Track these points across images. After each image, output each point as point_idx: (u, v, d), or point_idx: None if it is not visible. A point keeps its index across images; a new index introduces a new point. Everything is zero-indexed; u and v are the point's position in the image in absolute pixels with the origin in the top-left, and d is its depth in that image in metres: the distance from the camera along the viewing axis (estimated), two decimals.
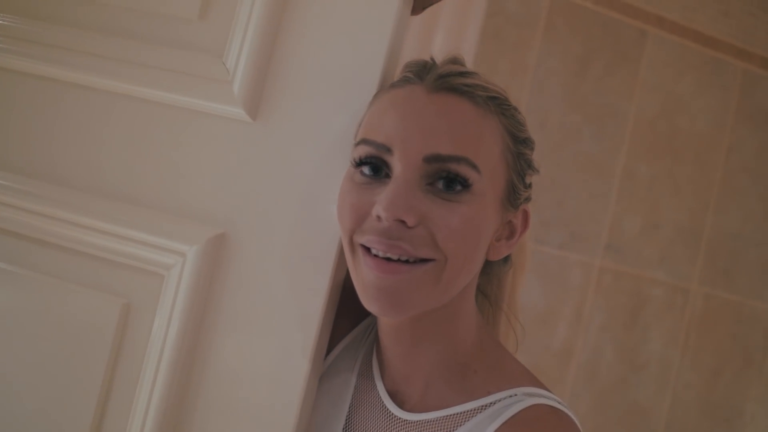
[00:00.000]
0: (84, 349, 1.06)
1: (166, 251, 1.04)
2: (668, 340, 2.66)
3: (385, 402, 1.01)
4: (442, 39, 2.01)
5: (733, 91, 2.71)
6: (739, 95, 2.72)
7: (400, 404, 1.00)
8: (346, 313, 1.10)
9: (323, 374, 1.08)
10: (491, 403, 0.94)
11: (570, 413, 0.94)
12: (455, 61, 0.96)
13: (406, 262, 0.88)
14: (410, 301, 0.90)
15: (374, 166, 0.91)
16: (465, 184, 0.89)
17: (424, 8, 1.08)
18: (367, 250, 0.90)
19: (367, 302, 0.91)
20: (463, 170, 0.88)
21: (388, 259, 0.88)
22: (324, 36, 1.03)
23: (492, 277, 1.10)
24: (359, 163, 0.92)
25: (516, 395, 0.94)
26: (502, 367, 1.00)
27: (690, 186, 2.68)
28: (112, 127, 1.09)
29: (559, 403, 0.95)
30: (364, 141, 0.92)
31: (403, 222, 0.87)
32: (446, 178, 0.89)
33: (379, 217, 0.87)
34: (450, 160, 0.88)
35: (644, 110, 2.63)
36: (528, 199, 1.00)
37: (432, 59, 0.96)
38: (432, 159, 0.88)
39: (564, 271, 2.56)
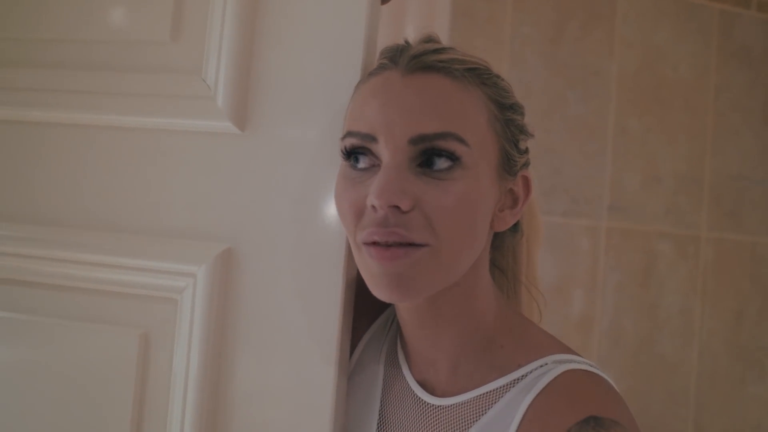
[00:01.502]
0: (109, 386, 1.07)
1: (175, 275, 1.05)
2: (686, 291, 2.67)
3: (415, 391, 1.01)
4: (413, 24, 2.03)
5: (712, 33, 2.73)
6: (719, 36, 2.73)
7: (431, 391, 1.01)
8: (363, 310, 1.11)
9: (350, 374, 1.08)
10: (523, 376, 0.94)
11: (603, 374, 0.94)
12: (429, 39, 0.97)
13: (406, 245, 0.88)
14: (417, 284, 0.90)
15: (362, 156, 0.92)
16: (454, 159, 0.89)
17: None
18: (370, 245, 0.90)
19: (379, 292, 0.91)
20: (451, 145, 0.88)
21: (388, 246, 0.88)
22: (300, 38, 1.04)
23: (505, 249, 1.10)
24: (348, 154, 0.93)
25: (546, 364, 0.94)
26: (528, 338, 1.00)
27: (683, 134, 2.69)
28: (102, 160, 1.10)
29: (591, 365, 0.95)
30: (349, 134, 0.93)
31: (397, 208, 0.87)
32: (434, 156, 0.89)
33: (374, 207, 0.88)
34: (436, 137, 0.88)
35: (626, 65, 2.64)
36: (526, 165, 1.00)
37: (405, 41, 0.96)
38: (418, 140, 0.88)
39: (571, 238, 2.57)
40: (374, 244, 0.89)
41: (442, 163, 0.89)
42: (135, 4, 1.10)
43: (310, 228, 1.03)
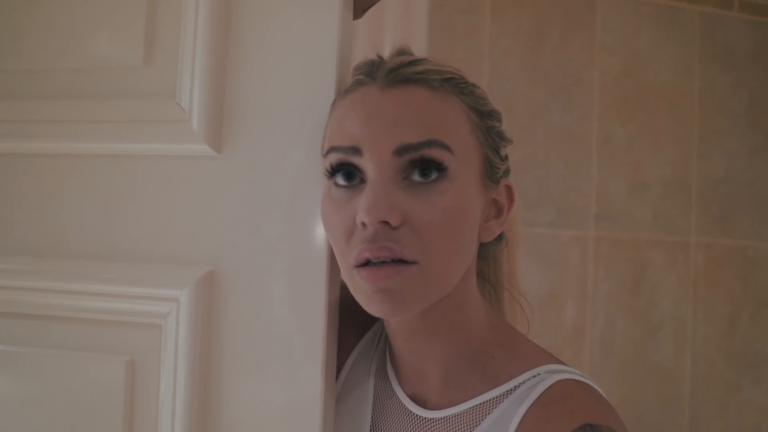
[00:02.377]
0: (97, 415, 1.08)
1: (158, 300, 1.06)
2: (677, 298, 2.69)
3: (406, 405, 1.02)
4: (391, 39, 2.05)
5: (693, 36, 2.75)
6: (701, 39, 2.76)
7: (423, 404, 1.01)
8: (351, 326, 1.12)
9: (339, 392, 1.09)
10: (516, 387, 0.95)
11: (594, 384, 0.95)
12: (402, 52, 0.98)
13: (398, 262, 0.89)
14: (409, 300, 0.90)
15: (347, 173, 0.92)
16: (441, 168, 0.90)
17: (364, 11, 1.10)
18: (361, 267, 0.90)
19: (372, 308, 0.91)
20: (436, 153, 0.89)
21: (381, 264, 0.88)
22: (273, 58, 1.06)
23: (488, 258, 1.11)
24: (332, 171, 0.93)
25: (539, 374, 0.95)
26: (519, 349, 1.01)
27: (669, 139, 2.71)
28: (80, 188, 1.11)
29: (581, 376, 0.96)
30: (331, 149, 0.93)
31: (387, 223, 0.88)
32: (420, 167, 0.90)
33: (363, 224, 0.88)
34: (421, 146, 0.89)
35: (608, 72, 2.66)
36: (507, 172, 1.01)
37: (379, 56, 0.97)
38: (402, 150, 0.89)
39: (559, 248, 2.59)
40: (365, 265, 0.89)
41: (428, 175, 0.90)
42: (106, 30, 1.12)
43: (290, 248, 1.05)
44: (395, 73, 0.93)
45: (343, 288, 1.09)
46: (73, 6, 1.13)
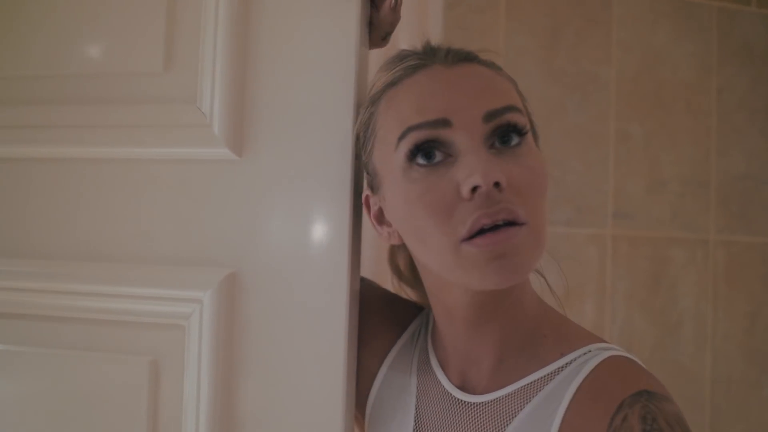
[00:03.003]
0: (121, 415, 1.11)
1: (182, 301, 1.09)
2: (697, 296, 2.69)
3: (453, 393, 1.03)
4: (405, 39, 2.07)
5: (711, 32, 2.74)
6: (719, 35, 2.75)
7: (472, 391, 1.02)
8: (389, 324, 1.15)
9: (379, 389, 1.12)
10: (567, 364, 0.97)
11: (643, 365, 0.97)
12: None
13: (512, 224, 0.90)
14: (525, 262, 0.92)
15: (427, 152, 0.94)
16: (521, 133, 0.95)
17: (383, 39, 1.14)
18: (475, 237, 0.90)
19: (487, 280, 0.91)
20: (516, 117, 0.95)
21: (495, 228, 0.90)
22: (293, 61, 1.09)
23: None
24: (415, 151, 0.94)
25: (590, 351, 0.97)
26: (569, 329, 1.03)
27: (687, 136, 2.70)
28: (104, 192, 1.14)
29: (632, 355, 0.98)
30: (410, 129, 0.94)
31: (496, 186, 0.89)
32: (502, 133, 0.94)
33: (473, 190, 0.89)
34: (505, 111, 0.94)
35: (625, 70, 2.66)
36: None
37: (422, 46, 1.03)
38: (490, 116, 0.93)
39: (577, 247, 2.59)
40: (479, 233, 0.90)
41: (510, 140, 0.94)
42: (126, 37, 1.15)
43: (311, 249, 1.07)
44: (454, 53, 0.99)
45: (374, 288, 1.11)
46: (94, 13, 1.16)
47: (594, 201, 2.61)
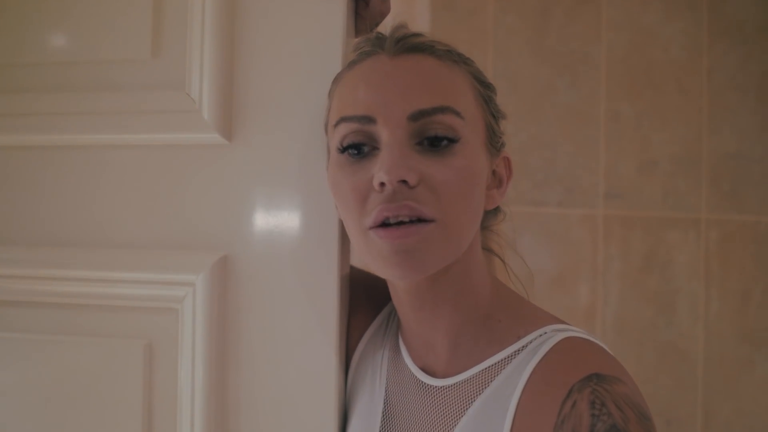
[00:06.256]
0: (117, 398, 1.14)
1: (175, 285, 1.12)
2: (689, 275, 2.71)
3: (417, 375, 1.07)
4: (392, 21, 2.08)
5: (701, 11, 2.74)
6: (709, 13, 2.75)
7: (432, 374, 1.06)
8: (365, 307, 1.18)
9: (354, 370, 1.15)
10: (523, 346, 1.00)
11: (600, 342, 0.99)
12: (403, 26, 1.04)
13: (416, 221, 0.93)
14: (429, 258, 0.95)
15: (357, 145, 0.97)
16: (451, 136, 0.96)
17: (371, 29, 1.16)
18: (379, 227, 0.94)
19: (390, 270, 0.95)
20: (449, 119, 0.95)
21: (400, 224, 0.93)
22: (280, 45, 1.11)
23: (489, 229, 1.16)
24: (344, 146, 0.98)
25: (545, 333, 1.00)
26: (524, 312, 1.05)
27: (678, 115, 2.71)
28: (95, 179, 1.16)
29: (587, 334, 1.00)
30: (343, 119, 0.98)
31: (404, 183, 0.93)
32: (432, 136, 0.95)
33: (382, 185, 0.93)
34: (434, 112, 0.95)
35: (615, 49, 2.67)
36: (504, 145, 1.07)
37: (379, 33, 1.04)
38: (417, 115, 0.95)
39: (569, 228, 2.62)
40: (382, 226, 0.94)
41: (440, 140, 0.95)
42: (114, 23, 1.17)
43: (301, 231, 1.10)
44: (403, 42, 0.99)
45: (358, 270, 1.14)
46: (81, 0, 1.18)
47: (585, 181, 2.63)
